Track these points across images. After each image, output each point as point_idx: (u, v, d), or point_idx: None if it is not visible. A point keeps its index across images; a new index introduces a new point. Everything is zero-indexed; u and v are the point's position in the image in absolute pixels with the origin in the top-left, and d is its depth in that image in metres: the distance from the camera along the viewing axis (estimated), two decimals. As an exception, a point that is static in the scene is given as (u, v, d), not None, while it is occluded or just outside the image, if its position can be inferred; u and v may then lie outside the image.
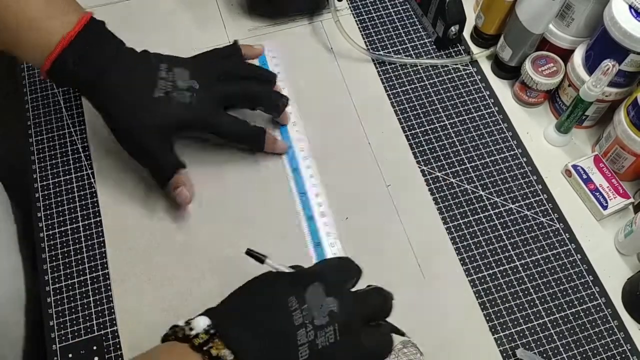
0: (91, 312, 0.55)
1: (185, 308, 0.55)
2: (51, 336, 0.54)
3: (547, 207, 0.61)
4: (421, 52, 0.70)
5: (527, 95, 0.65)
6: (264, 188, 0.61)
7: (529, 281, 0.57)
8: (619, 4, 0.54)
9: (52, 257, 0.57)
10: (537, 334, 0.55)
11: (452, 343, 0.54)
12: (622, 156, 0.60)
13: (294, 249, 0.58)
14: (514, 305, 0.56)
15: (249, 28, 0.71)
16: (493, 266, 0.58)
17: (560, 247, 0.59)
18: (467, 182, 0.62)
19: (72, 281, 0.56)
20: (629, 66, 0.56)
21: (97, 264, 0.57)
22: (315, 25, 0.72)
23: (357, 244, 0.58)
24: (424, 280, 0.57)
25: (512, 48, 0.65)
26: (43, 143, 0.63)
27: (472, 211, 0.60)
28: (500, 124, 0.66)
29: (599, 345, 0.54)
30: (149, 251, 0.57)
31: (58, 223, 0.59)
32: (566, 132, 0.63)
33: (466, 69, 0.69)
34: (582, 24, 0.61)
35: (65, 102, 0.65)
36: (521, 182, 0.62)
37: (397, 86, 0.68)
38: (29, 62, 0.53)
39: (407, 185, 0.62)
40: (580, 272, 0.58)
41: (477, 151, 0.64)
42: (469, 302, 0.56)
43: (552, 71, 0.63)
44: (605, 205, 0.59)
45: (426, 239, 0.59)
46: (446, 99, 0.67)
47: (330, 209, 0.60)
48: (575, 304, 0.56)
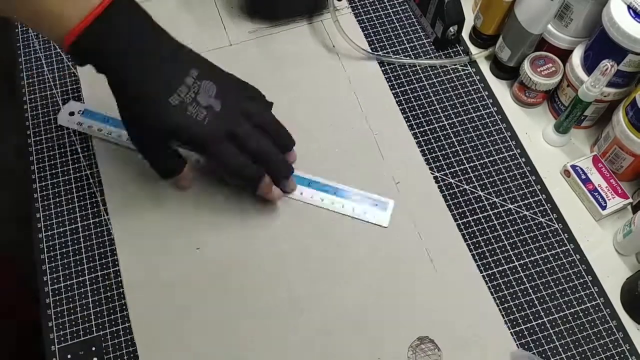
0: (90, 313, 0.55)
1: (185, 308, 0.55)
2: (50, 337, 0.53)
3: (546, 208, 0.61)
4: (420, 53, 0.70)
5: (525, 95, 0.65)
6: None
7: (527, 281, 0.57)
8: (618, 4, 0.54)
9: (50, 258, 0.57)
10: (536, 334, 0.55)
11: (470, 338, 0.54)
12: (621, 156, 0.60)
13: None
14: (512, 306, 0.56)
15: (249, 30, 0.71)
16: (492, 266, 0.58)
17: (559, 248, 0.59)
18: (465, 183, 0.62)
19: (70, 282, 0.56)
20: (627, 66, 0.56)
21: (96, 264, 0.57)
22: (316, 25, 0.72)
23: (368, 242, 0.58)
24: (436, 275, 0.57)
25: (510, 48, 0.65)
26: (42, 143, 0.63)
27: (471, 212, 0.60)
28: (499, 124, 0.66)
29: (597, 345, 0.54)
30: (152, 252, 0.57)
31: (57, 224, 0.59)
32: (565, 132, 0.63)
33: (465, 69, 0.69)
34: (581, 25, 0.61)
35: (64, 102, 0.65)
36: (520, 183, 0.62)
37: (396, 86, 0.68)
38: (50, 38, 0.51)
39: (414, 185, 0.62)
40: (579, 273, 0.58)
41: (476, 151, 0.64)
42: (484, 296, 0.56)
43: (551, 71, 0.63)
44: (604, 205, 0.59)
45: (437, 237, 0.59)
46: (445, 99, 0.67)
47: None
48: (574, 304, 0.56)
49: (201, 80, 0.52)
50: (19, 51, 0.69)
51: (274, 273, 0.57)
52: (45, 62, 0.68)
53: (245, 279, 0.56)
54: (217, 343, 0.53)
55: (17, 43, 0.70)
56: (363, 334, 0.54)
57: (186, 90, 0.51)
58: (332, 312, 0.55)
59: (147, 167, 0.56)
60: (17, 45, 0.69)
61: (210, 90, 0.52)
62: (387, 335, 0.54)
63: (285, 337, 0.54)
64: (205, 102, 0.52)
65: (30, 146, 0.63)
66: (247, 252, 0.58)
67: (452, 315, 0.55)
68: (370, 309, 0.55)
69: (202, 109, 0.52)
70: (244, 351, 0.53)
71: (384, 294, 0.56)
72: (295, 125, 0.59)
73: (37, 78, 0.67)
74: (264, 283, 0.56)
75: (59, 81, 0.67)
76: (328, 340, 0.54)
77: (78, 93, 0.66)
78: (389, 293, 0.56)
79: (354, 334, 0.54)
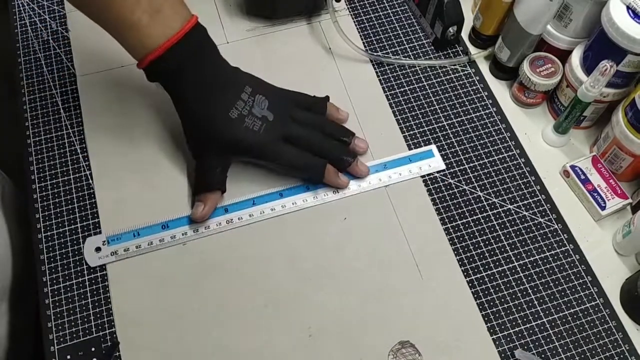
0: (89, 314, 0.55)
1: (184, 306, 0.55)
2: (49, 338, 0.53)
3: (546, 208, 0.61)
4: (419, 53, 0.70)
5: (525, 96, 0.65)
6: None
7: (527, 282, 0.57)
8: (617, 5, 0.54)
9: (50, 258, 0.57)
10: (536, 335, 0.55)
11: (451, 344, 0.54)
12: (620, 157, 0.60)
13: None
14: (512, 306, 0.56)
15: (247, 28, 0.71)
16: (491, 267, 0.58)
17: (559, 248, 0.59)
18: (465, 183, 0.62)
19: (70, 283, 0.56)
20: (626, 67, 0.56)
21: (95, 265, 0.57)
22: (313, 25, 0.72)
23: (355, 244, 0.58)
24: (422, 281, 0.57)
25: (510, 49, 0.65)
26: (41, 144, 0.63)
27: (471, 212, 0.60)
28: (499, 124, 0.66)
29: (597, 345, 0.54)
30: (148, 250, 0.57)
31: (57, 224, 0.59)
32: (564, 132, 0.63)
33: (464, 69, 0.69)
34: (580, 25, 0.61)
35: (63, 102, 0.65)
36: (519, 183, 0.62)
37: (396, 87, 0.68)
38: (126, 49, 0.54)
39: (405, 186, 0.62)
40: (578, 273, 0.58)
41: (476, 152, 0.64)
42: (467, 303, 0.56)
43: (550, 72, 0.63)
44: (603, 205, 0.59)
45: (425, 240, 0.59)
46: (444, 99, 0.67)
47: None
48: (574, 305, 0.56)
49: (254, 95, 0.57)
50: (18, 51, 0.69)
51: (258, 274, 0.57)
52: (45, 62, 0.68)
53: (227, 280, 0.56)
54: (199, 345, 0.53)
55: (17, 43, 0.70)
56: (344, 337, 0.54)
57: (242, 104, 0.56)
58: (314, 315, 0.55)
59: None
60: (17, 45, 0.69)
61: (263, 103, 0.57)
62: (369, 339, 0.54)
63: (267, 339, 0.54)
64: (259, 114, 0.57)
65: (29, 146, 0.63)
66: (230, 252, 0.57)
67: (434, 320, 0.55)
68: (352, 312, 0.55)
69: (257, 120, 0.57)
70: (226, 353, 0.53)
71: (367, 297, 0.56)
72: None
73: (36, 78, 0.67)
74: (247, 284, 0.56)
75: (59, 81, 0.67)
76: (309, 342, 0.54)
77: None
78: (373, 296, 0.56)
79: (336, 337, 0.54)
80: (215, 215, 0.59)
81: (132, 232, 0.58)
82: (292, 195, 0.60)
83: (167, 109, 0.60)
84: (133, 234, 0.58)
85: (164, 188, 0.60)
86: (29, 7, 0.71)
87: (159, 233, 0.58)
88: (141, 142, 0.63)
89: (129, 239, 0.57)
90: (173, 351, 0.53)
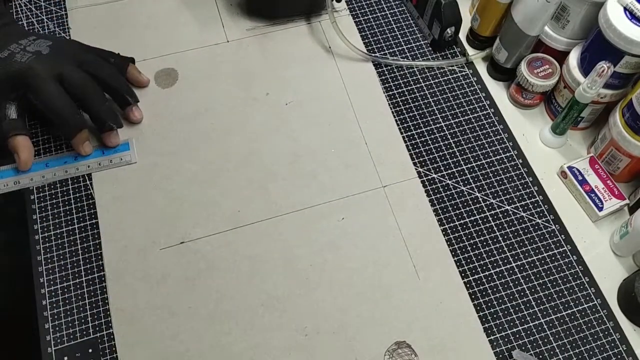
0: (87, 315, 0.54)
1: (181, 306, 0.55)
2: (46, 339, 0.53)
3: (543, 209, 0.61)
4: (417, 54, 0.70)
5: (522, 97, 0.65)
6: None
7: (525, 282, 0.57)
8: (614, 6, 0.54)
9: (47, 259, 0.57)
10: (533, 335, 0.55)
11: (447, 344, 0.54)
12: (617, 158, 0.60)
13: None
14: (510, 307, 0.56)
15: (247, 28, 0.71)
16: (489, 267, 0.58)
17: (556, 249, 0.59)
18: (463, 184, 0.62)
19: (67, 284, 0.56)
20: (624, 68, 0.56)
21: (93, 266, 0.57)
22: (314, 25, 0.72)
23: (353, 244, 0.58)
24: (419, 282, 0.57)
25: (507, 50, 0.65)
26: (38, 145, 0.63)
27: (469, 212, 0.60)
28: (496, 125, 0.66)
29: (594, 346, 0.54)
30: (145, 250, 0.57)
31: (54, 225, 0.58)
32: (562, 133, 0.64)
33: (462, 70, 0.69)
34: (578, 26, 0.61)
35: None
36: (517, 184, 0.62)
37: (394, 88, 0.68)
38: None
39: (403, 186, 0.62)
40: (576, 274, 0.58)
41: (473, 153, 0.64)
42: (464, 303, 0.56)
43: (548, 73, 0.63)
44: (600, 206, 0.59)
45: (422, 241, 0.59)
46: (442, 100, 0.67)
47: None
48: (571, 305, 0.56)
49: (38, 40, 0.54)
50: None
51: (254, 273, 0.57)
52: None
53: (224, 279, 0.56)
54: (196, 343, 0.53)
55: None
56: (340, 337, 0.54)
57: (16, 46, 0.53)
58: (310, 314, 0.55)
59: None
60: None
61: (43, 44, 0.54)
62: (365, 339, 0.54)
63: (263, 338, 0.54)
64: (32, 49, 0.53)
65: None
66: (227, 252, 0.57)
67: (431, 320, 0.55)
68: (349, 312, 0.55)
69: (28, 53, 0.53)
70: (222, 352, 0.53)
71: (364, 298, 0.56)
72: (287, 125, 0.58)
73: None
74: (243, 283, 0.56)
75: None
76: (305, 342, 0.54)
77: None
78: (370, 297, 0.56)
79: (332, 337, 0.54)
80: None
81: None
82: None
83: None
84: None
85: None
86: (26, 8, 0.71)
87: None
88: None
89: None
90: (169, 350, 0.53)
